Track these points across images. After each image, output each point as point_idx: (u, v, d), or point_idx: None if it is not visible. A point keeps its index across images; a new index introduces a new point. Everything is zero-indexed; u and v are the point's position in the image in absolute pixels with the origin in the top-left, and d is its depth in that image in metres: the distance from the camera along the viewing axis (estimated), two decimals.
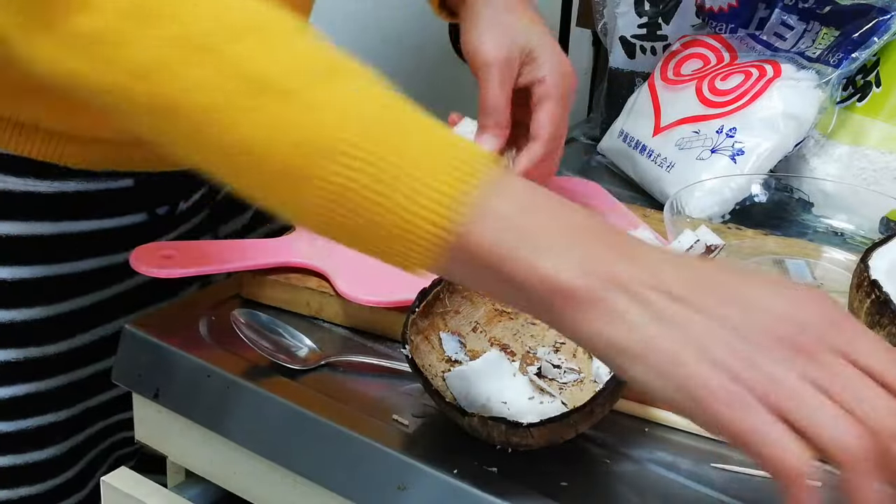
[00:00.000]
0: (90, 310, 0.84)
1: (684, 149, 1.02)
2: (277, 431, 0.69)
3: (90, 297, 0.84)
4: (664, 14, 1.17)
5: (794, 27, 1.05)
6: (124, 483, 0.72)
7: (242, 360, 0.72)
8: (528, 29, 0.84)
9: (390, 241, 0.53)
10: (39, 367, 0.82)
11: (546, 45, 0.84)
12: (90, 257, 0.83)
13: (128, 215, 0.84)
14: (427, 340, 0.69)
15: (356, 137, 0.51)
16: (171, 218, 0.88)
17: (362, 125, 0.52)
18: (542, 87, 0.83)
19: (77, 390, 0.85)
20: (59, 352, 0.83)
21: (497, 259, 0.51)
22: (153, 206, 0.86)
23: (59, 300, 0.82)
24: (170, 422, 0.75)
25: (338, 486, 0.66)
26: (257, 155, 0.53)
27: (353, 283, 0.76)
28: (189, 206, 0.89)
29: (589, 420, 0.62)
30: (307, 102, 0.52)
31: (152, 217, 0.86)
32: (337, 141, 0.51)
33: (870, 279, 0.66)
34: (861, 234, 0.94)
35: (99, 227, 0.83)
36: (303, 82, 0.53)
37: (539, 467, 0.63)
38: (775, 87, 0.99)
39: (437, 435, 0.66)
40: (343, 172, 0.51)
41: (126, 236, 0.83)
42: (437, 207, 0.51)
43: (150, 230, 0.86)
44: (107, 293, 0.85)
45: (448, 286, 0.71)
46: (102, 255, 0.82)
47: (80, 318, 0.84)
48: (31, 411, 0.83)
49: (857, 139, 0.99)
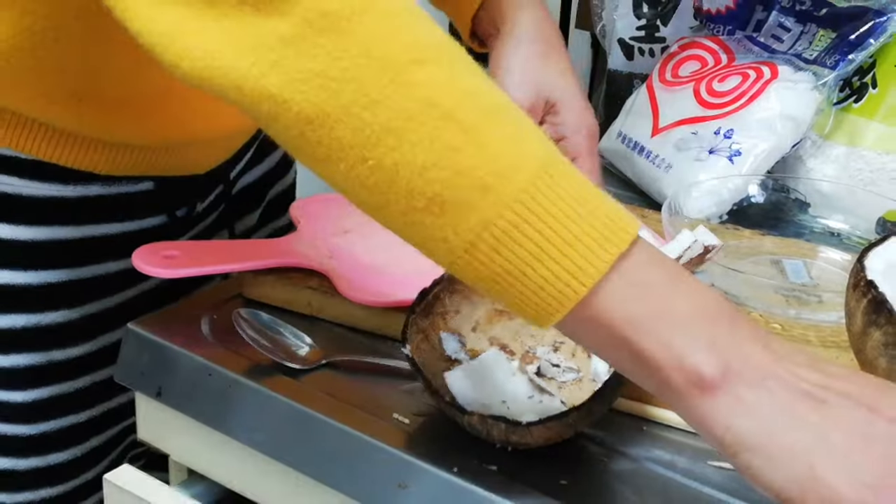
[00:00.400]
0: (112, 312, 0.84)
1: (682, 150, 1.02)
2: (279, 430, 0.69)
3: (112, 300, 0.84)
4: (662, 16, 1.17)
5: (791, 29, 1.05)
6: (126, 481, 0.72)
7: (244, 359, 0.72)
8: (556, 81, 0.81)
9: (532, 292, 0.51)
10: (62, 371, 0.83)
11: (571, 99, 0.81)
12: (111, 260, 0.83)
13: (148, 218, 0.85)
14: (427, 340, 0.69)
15: (530, 187, 0.50)
16: (191, 218, 0.88)
17: (530, 173, 0.50)
18: (570, 145, 0.81)
19: (98, 392, 0.85)
20: (82, 354, 0.83)
21: (631, 331, 0.50)
22: (173, 207, 0.86)
23: (82, 303, 0.82)
24: (172, 420, 0.75)
25: (339, 484, 0.67)
26: (416, 180, 0.50)
27: (354, 283, 0.76)
28: (205, 206, 0.90)
29: (588, 419, 0.62)
30: (480, 140, 0.50)
31: (172, 219, 0.86)
32: (514, 190, 0.50)
33: (866, 279, 0.66)
34: (857, 234, 0.94)
35: (120, 231, 0.83)
36: (476, 117, 0.51)
37: (538, 466, 0.63)
38: (772, 89, 0.99)
39: (437, 433, 0.66)
40: (513, 219, 0.50)
41: (146, 238, 0.84)
42: (582, 269, 0.50)
43: (169, 231, 0.86)
44: (128, 295, 0.85)
45: (448, 286, 0.71)
46: (123, 257, 0.83)
47: (103, 321, 0.84)
48: (54, 414, 0.83)
49: (853, 140, 0.99)
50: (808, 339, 0.77)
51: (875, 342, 0.65)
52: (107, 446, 0.88)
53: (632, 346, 0.51)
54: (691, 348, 0.49)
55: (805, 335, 0.77)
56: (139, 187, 0.83)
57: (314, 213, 0.87)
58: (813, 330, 0.77)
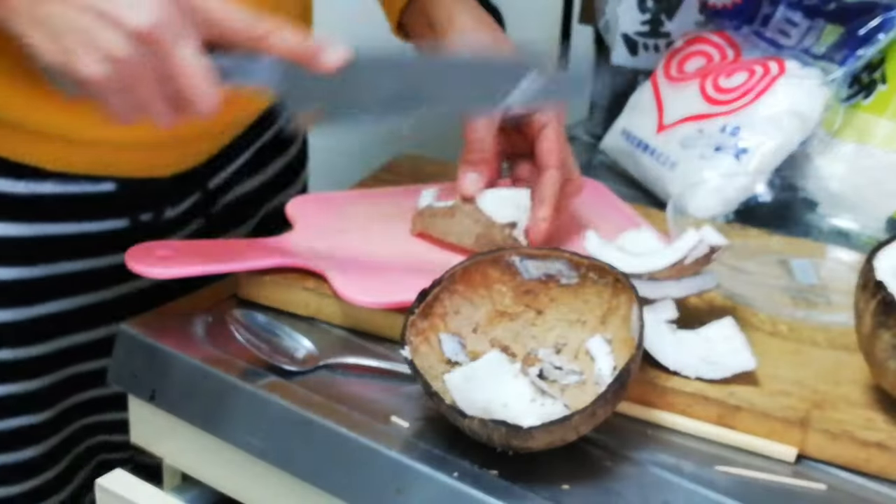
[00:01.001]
0: (71, 314, 0.84)
1: (687, 147, 1.01)
2: (275, 434, 0.69)
3: (69, 302, 0.84)
4: (667, 11, 1.16)
5: (798, 24, 1.04)
6: (120, 486, 0.72)
7: (239, 361, 0.72)
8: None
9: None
10: (17, 370, 0.83)
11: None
12: (67, 260, 0.82)
13: (108, 220, 0.84)
14: (427, 342, 0.68)
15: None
16: (157, 225, 0.87)
17: None
18: (539, 115, 0.82)
19: (55, 392, 0.85)
20: (38, 355, 0.83)
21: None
22: (136, 211, 0.85)
23: (38, 302, 0.82)
24: (165, 424, 0.74)
25: (336, 489, 0.66)
26: None
27: (351, 284, 0.76)
28: (178, 213, 0.88)
29: (590, 422, 0.62)
30: None
31: (135, 223, 0.85)
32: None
33: (875, 280, 0.65)
34: (867, 233, 0.93)
35: (77, 231, 0.82)
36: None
37: (540, 470, 0.63)
38: (780, 85, 0.99)
39: (436, 437, 0.65)
40: None
41: (107, 241, 0.83)
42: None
43: (133, 236, 0.85)
44: (89, 298, 0.85)
45: (448, 287, 0.70)
46: (81, 258, 0.82)
47: (61, 322, 0.83)
48: (9, 413, 0.83)
49: (862, 137, 0.98)
50: (817, 340, 0.76)
51: (885, 344, 0.64)
52: (65, 446, 0.87)
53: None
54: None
55: (813, 337, 0.76)
56: (99, 188, 0.82)
57: (311, 212, 0.86)
58: (821, 331, 0.76)
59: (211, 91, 0.66)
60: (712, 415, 0.67)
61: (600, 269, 0.70)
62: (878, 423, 0.65)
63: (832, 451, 0.65)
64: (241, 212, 0.96)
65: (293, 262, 0.78)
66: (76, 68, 0.64)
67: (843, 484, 0.64)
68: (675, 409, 0.68)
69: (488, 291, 0.71)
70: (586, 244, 0.75)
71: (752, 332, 0.74)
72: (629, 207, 0.94)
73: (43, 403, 0.84)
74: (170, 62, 0.64)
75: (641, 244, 0.77)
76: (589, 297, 0.70)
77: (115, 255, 0.84)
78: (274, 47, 0.67)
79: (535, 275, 0.71)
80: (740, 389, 0.68)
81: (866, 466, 0.64)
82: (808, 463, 0.65)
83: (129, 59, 0.63)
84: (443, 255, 0.81)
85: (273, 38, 0.67)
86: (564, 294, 0.71)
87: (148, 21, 0.62)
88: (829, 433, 0.65)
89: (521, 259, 0.71)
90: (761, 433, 0.66)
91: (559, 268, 0.71)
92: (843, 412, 0.66)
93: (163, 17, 0.63)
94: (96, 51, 0.63)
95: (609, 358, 0.68)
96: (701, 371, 0.69)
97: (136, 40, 0.63)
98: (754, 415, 0.66)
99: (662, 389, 0.68)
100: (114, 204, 0.83)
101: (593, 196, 0.94)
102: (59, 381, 0.85)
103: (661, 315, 0.71)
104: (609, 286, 0.69)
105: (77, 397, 0.87)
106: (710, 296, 0.79)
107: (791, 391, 0.68)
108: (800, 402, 0.67)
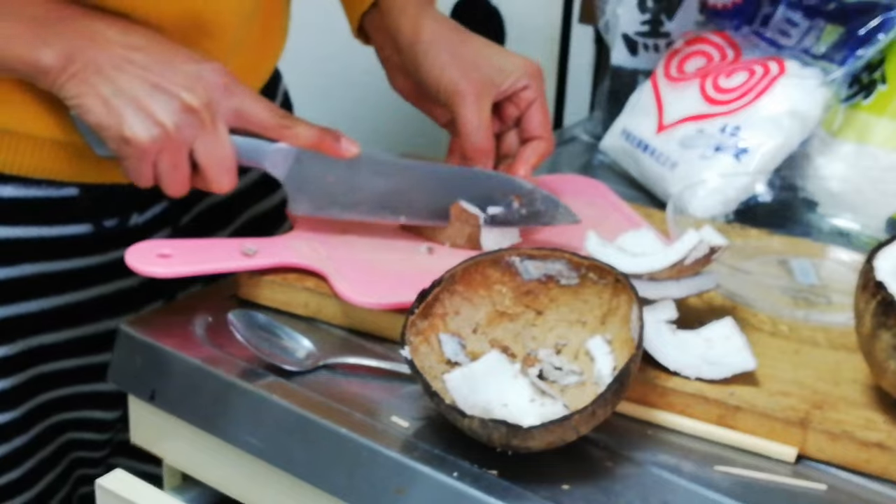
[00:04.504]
0: (36, 316, 0.83)
1: (687, 147, 1.01)
2: (275, 434, 0.69)
3: (31, 305, 0.83)
4: (667, 11, 1.16)
5: (798, 24, 1.04)
6: (120, 486, 0.72)
7: (239, 361, 0.72)
8: (481, 50, 0.86)
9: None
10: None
11: (505, 55, 0.87)
12: (26, 263, 0.82)
13: (70, 225, 0.83)
14: (427, 342, 0.68)
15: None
16: (122, 231, 0.86)
17: None
18: (527, 93, 0.86)
19: (21, 391, 0.84)
20: (3, 355, 0.82)
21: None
22: (100, 217, 0.85)
23: (1, 304, 0.81)
24: (166, 424, 0.74)
25: (336, 490, 0.66)
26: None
27: (351, 284, 0.76)
28: (145, 220, 0.88)
29: (590, 422, 0.62)
30: None
31: (99, 229, 0.85)
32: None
33: (875, 280, 0.65)
34: (867, 233, 0.93)
35: (38, 235, 0.82)
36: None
37: (540, 470, 0.63)
38: (780, 85, 0.99)
39: (436, 437, 0.65)
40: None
41: (69, 246, 0.83)
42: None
43: (96, 242, 0.85)
44: (53, 301, 0.84)
45: (448, 287, 0.70)
46: (41, 261, 0.81)
47: (25, 323, 0.83)
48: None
49: (862, 137, 0.98)
50: (817, 341, 0.76)
51: (884, 344, 0.64)
52: (32, 446, 0.87)
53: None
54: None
55: (813, 337, 0.76)
56: (61, 192, 0.82)
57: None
58: (821, 332, 0.76)
59: (231, 175, 0.74)
60: (712, 415, 0.67)
61: (600, 269, 0.70)
62: (878, 424, 0.65)
63: (832, 451, 0.65)
64: (213, 221, 0.95)
65: (293, 263, 0.78)
66: (122, 129, 0.70)
67: (843, 484, 0.64)
68: (675, 409, 0.68)
69: (488, 292, 0.71)
70: (586, 244, 0.75)
71: (752, 332, 0.74)
72: (629, 207, 0.94)
73: (11, 402, 0.84)
74: (205, 138, 0.72)
75: (641, 244, 0.77)
76: (589, 297, 0.70)
77: (78, 259, 0.84)
78: (297, 139, 0.76)
79: (534, 275, 0.71)
80: (740, 389, 0.68)
81: (866, 467, 0.64)
82: (808, 463, 0.65)
83: (174, 127, 0.70)
84: (443, 256, 0.81)
85: (296, 129, 0.76)
86: (564, 294, 0.71)
87: (199, 101, 0.71)
88: (829, 433, 0.65)
89: (520, 259, 0.71)
90: (761, 433, 0.66)
91: (559, 268, 0.71)
92: (843, 412, 0.66)
93: (212, 98, 0.72)
94: (147, 117, 0.70)
95: (609, 358, 0.68)
96: (701, 371, 0.69)
97: (185, 112, 0.71)
98: (754, 415, 0.66)
99: (662, 389, 0.68)
100: (76, 209, 0.83)
101: (593, 196, 0.94)
102: (26, 381, 0.84)
103: (661, 315, 0.71)
104: (609, 286, 0.69)
105: (44, 396, 0.86)
106: (710, 296, 0.79)
107: (791, 391, 0.68)
108: (800, 402, 0.67)
